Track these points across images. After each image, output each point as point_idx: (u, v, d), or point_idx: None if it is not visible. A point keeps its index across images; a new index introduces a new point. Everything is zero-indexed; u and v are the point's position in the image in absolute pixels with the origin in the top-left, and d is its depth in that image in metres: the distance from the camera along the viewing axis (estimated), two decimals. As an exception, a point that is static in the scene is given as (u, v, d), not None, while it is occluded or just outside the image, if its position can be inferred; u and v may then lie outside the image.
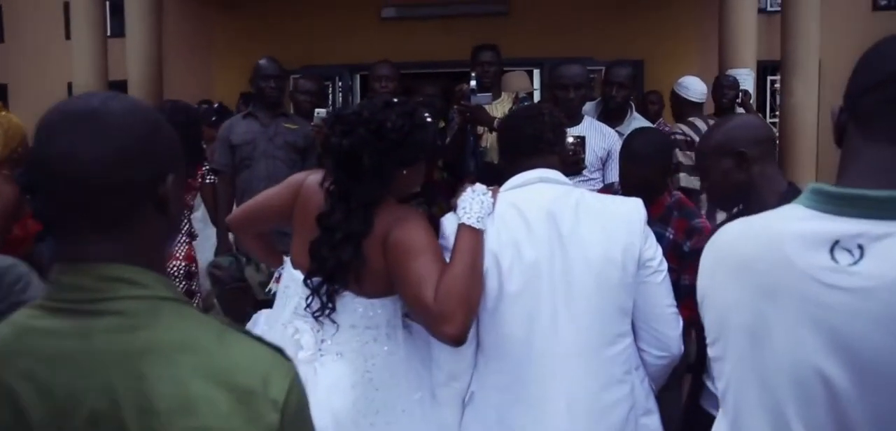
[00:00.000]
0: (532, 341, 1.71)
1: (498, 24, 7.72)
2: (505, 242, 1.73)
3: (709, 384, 1.89)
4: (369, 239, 1.71)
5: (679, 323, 1.82)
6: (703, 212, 3.49)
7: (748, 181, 1.83)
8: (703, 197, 3.88)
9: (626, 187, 2.42)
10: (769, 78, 8.49)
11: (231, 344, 0.84)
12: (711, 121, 4.21)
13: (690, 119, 4.33)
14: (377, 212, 1.72)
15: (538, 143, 1.83)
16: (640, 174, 2.36)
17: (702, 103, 4.47)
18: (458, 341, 1.60)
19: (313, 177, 1.87)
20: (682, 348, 1.84)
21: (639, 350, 1.81)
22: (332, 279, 1.73)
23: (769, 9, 8.40)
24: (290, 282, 1.86)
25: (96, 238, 0.84)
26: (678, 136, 4.16)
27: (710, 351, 1.03)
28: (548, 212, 1.73)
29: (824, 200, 0.90)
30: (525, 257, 1.71)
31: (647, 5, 7.71)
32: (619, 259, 1.71)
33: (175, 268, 3.60)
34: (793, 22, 5.69)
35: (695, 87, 4.47)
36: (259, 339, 0.88)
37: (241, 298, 3.46)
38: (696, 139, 4.09)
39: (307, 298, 1.76)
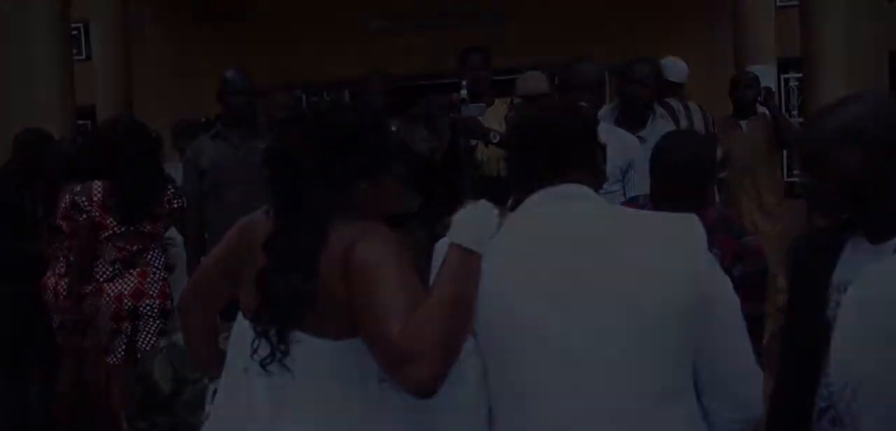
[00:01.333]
0: (563, 400, 1.34)
1: (496, 29, 7.39)
2: (515, 274, 1.37)
3: None
4: (326, 257, 1.42)
5: (761, 376, 1.46)
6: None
7: (882, 182, 1.40)
8: None
9: (659, 202, 2.07)
10: (782, 76, 8.12)
11: None
12: (690, 104, 4.00)
13: (667, 100, 4.06)
14: (335, 226, 1.44)
15: (558, 160, 1.45)
16: (678, 186, 2.01)
17: (682, 84, 4.24)
18: (426, 390, 1.27)
19: (260, 211, 1.61)
20: (762, 409, 1.47)
21: (705, 411, 1.43)
22: (284, 316, 1.44)
23: (778, 5, 8.05)
24: (243, 334, 1.56)
25: None
26: None
27: None
28: (577, 235, 1.38)
29: None
30: (545, 291, 1.35)
31: (653, 6, 7.39)
32: (678, 291, 1.33)
33: (149, 308, 3.33)
34: (814, 15, 5.39)
35: (674, 67, 4.25)
36: None
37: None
38: (670, 121, 3.81)
39: (253, 343, 1.47)
